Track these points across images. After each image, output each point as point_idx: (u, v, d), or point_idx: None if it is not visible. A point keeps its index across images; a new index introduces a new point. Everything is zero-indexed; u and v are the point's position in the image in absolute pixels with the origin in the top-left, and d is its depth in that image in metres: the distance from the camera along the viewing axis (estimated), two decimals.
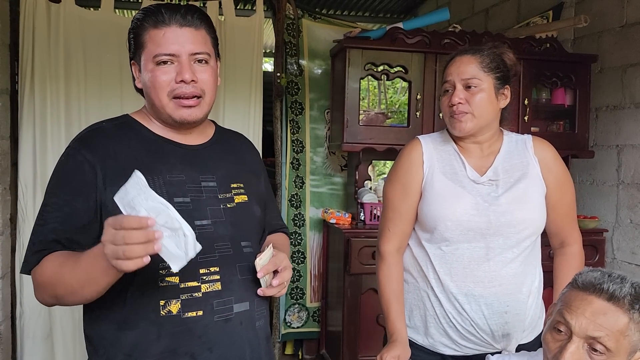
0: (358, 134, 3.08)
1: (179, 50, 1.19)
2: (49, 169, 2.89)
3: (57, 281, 1.10)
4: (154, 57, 1.19)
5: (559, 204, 1.61)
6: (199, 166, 1.26)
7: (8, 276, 2.85)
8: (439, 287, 1.55)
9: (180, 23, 1.19)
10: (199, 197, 1.22)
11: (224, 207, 1.25)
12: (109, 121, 1.28)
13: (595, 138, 3.23)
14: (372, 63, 3.11)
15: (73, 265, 1.08)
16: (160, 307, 1.15)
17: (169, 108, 1.21)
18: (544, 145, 1.63)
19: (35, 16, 2.87)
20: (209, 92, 1.24)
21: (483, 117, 1.53)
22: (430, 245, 1.57)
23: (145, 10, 1.22)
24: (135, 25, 1.23)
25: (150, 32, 1.19)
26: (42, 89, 2.90)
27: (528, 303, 1.56)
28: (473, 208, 1.52)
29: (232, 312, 1.20)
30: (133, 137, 1.24)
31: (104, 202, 1.15)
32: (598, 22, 3.17)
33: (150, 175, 1.14)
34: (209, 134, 1.35)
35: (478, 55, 1.54)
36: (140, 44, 1.21)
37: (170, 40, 1.18)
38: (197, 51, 1.21)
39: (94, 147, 1.19)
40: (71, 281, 1.08)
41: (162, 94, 1.20)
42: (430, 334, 1.58)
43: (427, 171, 1.59)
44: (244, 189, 1.32)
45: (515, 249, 1.53)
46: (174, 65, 1.19)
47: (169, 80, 1.19)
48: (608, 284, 1.09)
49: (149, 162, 1.20)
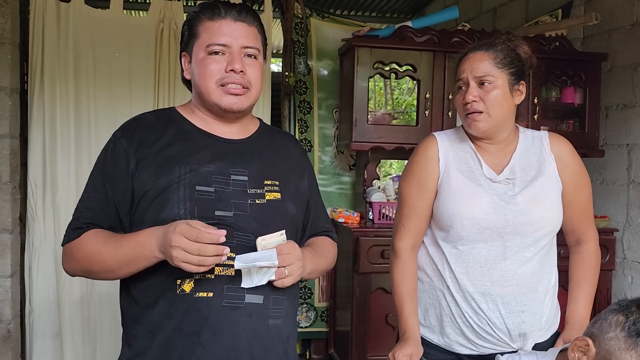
0: (367, 133, 3.07)
1: (231, 41, 1.25)
2: (59, 168, 2.92)
3: (95, 259, 1.20)
4: (207, 46, 1.25)
5: (575, 201, 1.59)
6: (231, 159, 1.28)
7: (17, 274, 2.86)
8: (456, 287, 1.53)
9: (234, 17, 1.26)
10: (224, 189, 1.24)
11: (251, 202, 1.26)
12: (152, 112, 1.36)
13: (606, 137, 3.21)
14: (381, 62, 3.10)
15: (114, 247, 1.18)
16: (177, 285, 1.20)
17: (216, 95, 1.26)
18: (560, 141, 1.60)
19: (45, 16, 2.88)
20: (255, 85, 1.29)
21: (498, 115, 1.51)
22: (446, 244, 1.55)
23: (203, 4, 1.29)
24: (192, 17, 1.29)
25: (206, 23, 1.26)
26: (51, 88, 2.91)
27: (545, 302, 1.55)
28: (490, 207, 1.50)
29: (242, 300, 1.21)
30: (170, 128, 1.29)
31: (136, 188, 1.22)
32: (608, 21, 3.15)
33: (177, 164, 1.23)
34: (251, 131, 1.37)
35: (491, 51, 1.52)
36: (194, 34, 1.28)
37: (224, 31, 1.25)
38: (249, 45, 1.27)
39: (132, 136, 1.26)
40: (110, 261, 1.19)
41: (210, 81, 1.25)
42: (446, 334, 1.57)
43: (443, 168, 1.56)
44: (278, 186, 1.32)
45: (532, 248, 1.52)
46: (225, 56, 1.25)
47: (219, 68, 1.25)
48: None
49: (179, 151, 1.25)
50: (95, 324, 3.00)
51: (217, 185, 1.24)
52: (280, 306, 1.27)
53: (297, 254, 1.22)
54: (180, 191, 1.20)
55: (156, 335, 1.21)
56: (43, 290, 2.91)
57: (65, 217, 2.93)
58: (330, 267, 1.48)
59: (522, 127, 1.64)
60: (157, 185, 1.20)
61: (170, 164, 1.23)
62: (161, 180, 1.21)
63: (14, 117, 2.80)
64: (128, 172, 1.23)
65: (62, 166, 2.93)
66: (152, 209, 1.20)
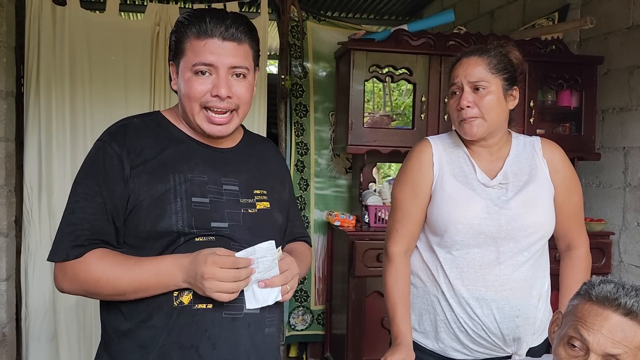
0: (362, 136, 3.07)
1: (217, 62, 1.19)
2: (54, 171, 2.91)
3: (106, 283, 1.15)
4: (193, 65, 1.19)
5: (565, 206, 1.60)
6: (222, 169, 1.26)
7: (13, 278, 2.86)
8: (450, 292, 1.53)
9: (223, 36, 1.19)
10: (218, 199, 1.22)
11: (244, 211, 1.25)
12: (139, 116, 1.30)
13: (602, 140, 3.21)
14: (377, 65, 3.10)
15: (130, 272, 1.15)
16: (174, 297, 1.17)
17: (199, 118, 1.22)
18: (552, 147, 1.61)
19: (41, 19, 2.88)
20: (242, 106, 1.25)
21: (493, 120, 1.51)
22: (441, 250, 1.55)
23: (190, 16, 1.22)
24: (178, 29, 1.23)
25: (192, 41, 1.20)
26: (47, 91, 2.91)
27: (538, 306, 1.55)
28: (484, 212, 1.50)
29: (241, 311, 1.20)
30: (160, 133, 1.26)
31: (130, 195, 1.18)
32: (604, 24, 3.15)
33: (171, 173, 1.20)
34: (237, 139, 1.35)
35: (485, 56, 1.52)
36: (181, 50, 1.22)
37: (210, 50, 1.18)
38: (236, 65, 1.21)
39: (122, 141, 1.21)
40: (125, 287, 1.15)
41: (194, 104, 1.21)
42: (440, 339, 1.57)
43: (437, 173, 1.57)
44: (266, 195, 1.31)
45: (525, 253, 1.52)
46: (212, 77, 1.20)
47: (204, 91, 1.20)
48: (625, 298, 1.06)
49: (172, 159, 1.22)
50: (91, 327, 2.99)
51: (211, 195, 1.22)
52: (273, 314, 1.27)
53: (295, 268, 1.23)
54: (178, 202, 1.17)
55: (150, 351, 1.17)
56: (39, 293, 2.91)
57: None
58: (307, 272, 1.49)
59: (515, 133, 1.65)
60: (151, 194, 1.17)
61: (164, 172, 1.19)
62: (156, 188, 1.17)
63: (10, 120, 2.80)
64: (123, 177, 1.17)
65: (58, 169, 2.93)
66: (149, 220, 1.16)
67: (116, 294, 1.17)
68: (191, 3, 4.41)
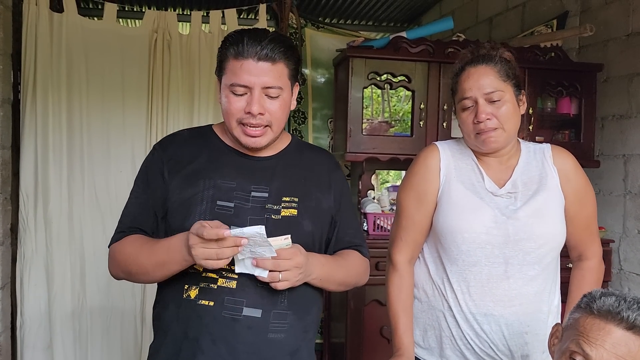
0: (361, 143, 3.05)
1: (251, 82, 1.27)
2: (50, 179, 2.90)
3: (133, 261, 1.30)
4: (230, 85, 1.29)
5: (577, 217, 1.54)
6: (254, 176, 1.35)
7: (8, 286, 2.83)
8: (457, 307, 1.48)
9: (258, 56, 1.26)
10: (243, 205, 1.31)
11: (267, 217, 1.30)
12: (190, 129, 1.49)
13: (601, 148, 3.20)
14: (376, 72, 3.09)
15: (149, 250, 1.28)
16: (184, 290, 1.29)
17: (236, 132, 1.33)
18: (563, 154, 1.56)
19: (38, 26, 2.87)
20: (276, 122, 1.32)
21: (512, 129, 1.47)
22: (447, 262, 1.50)
23: (230, 37, 1.31)
24: (221, 49, 1.33)
25: (231, 61, 1.29)
26: (44, 98, 2.90)
27: (548, 322, 1.49)
28: (492, 221, 1.45)
29: (240, 313, 1.25)
30: (202, 143, 1.40)
31: (167, 196, 1.33)
32: (603, 31, 3.14)
33: (202, 178, 1.32)
34: (280, 148, 1.42)
35: (492, 64, 1.47)
36: (222, 69, 1.33)
37: (245, 71, 1.27)
38: (270, 85, 1.28)
39: (166, 148, 1.39)
40: (145, 264, 1.28)
41: (232, 119, 1.32)
42: (445, 356, 1.51)
43: (444, 179, 1.52)
44: (296, 203, 1.34)
45: (536, 266, 1.47)
46: (246, 96, 1.29)
47: (239, 108, 1.29)
48: (627, 312, 1.04)
49: (204, 165, 1.35)
50: (87, 336, 2.97)
51: (237, 201, 1.31)
52: (283, 321, 1.29)
53: (297, 261, 1.22)
54: (203, 204, 1.29)
55: (167, 335, 1.31)
56: (34, 302, 2.88)
57: (57, 228, 2.91)
58: (356, 280, 1.46)
59: (523, 140, 1.60)
60: (182, 197, 1.31)
61: (196, 177, 1.32)
62: (186, 192, 1.31)
63: (6, 127, 2.78)
64: (163, 180, 1.33)
65: (54, 177, 2.91)
66: (178, 218, 1.30)
67: (141, 272, 1.30)
68: (189, 9, 4.40)
